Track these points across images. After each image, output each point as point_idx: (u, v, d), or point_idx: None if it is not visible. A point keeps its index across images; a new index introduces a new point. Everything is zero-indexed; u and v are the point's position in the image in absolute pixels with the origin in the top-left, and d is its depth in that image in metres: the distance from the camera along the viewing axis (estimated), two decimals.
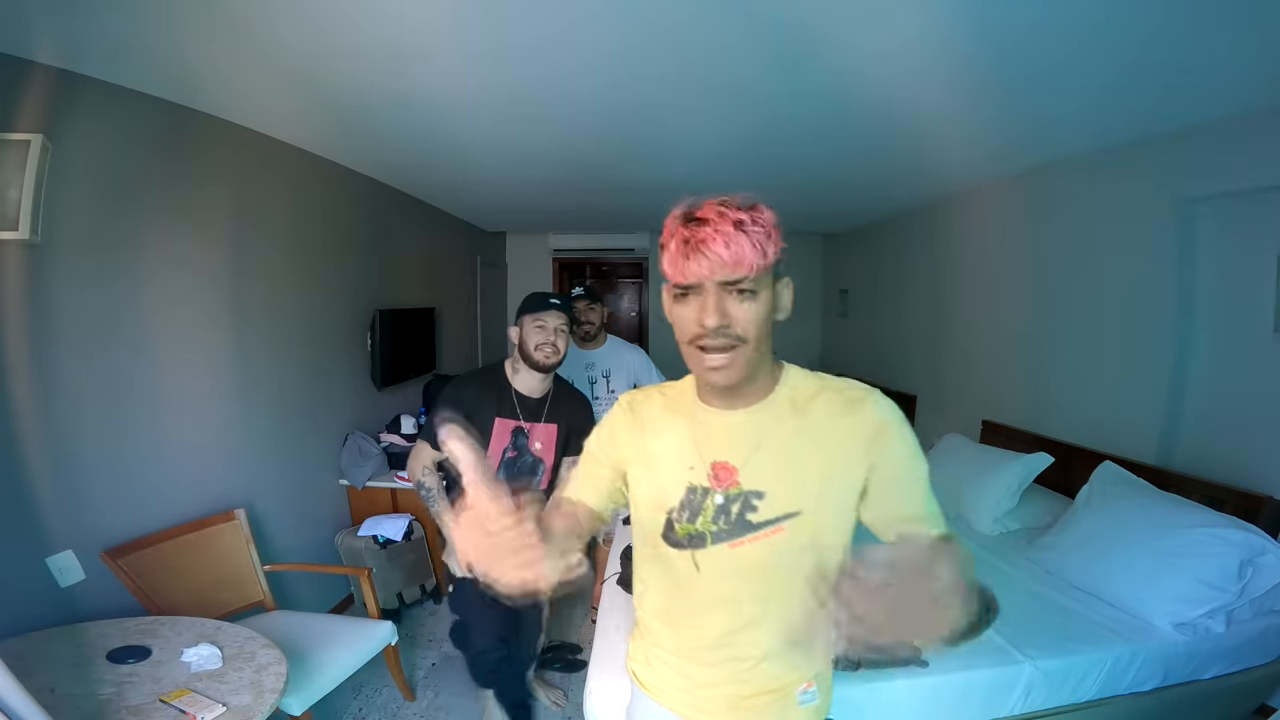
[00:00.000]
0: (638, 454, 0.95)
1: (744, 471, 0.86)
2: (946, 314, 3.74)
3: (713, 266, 0.76)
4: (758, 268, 0.77)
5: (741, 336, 0.79)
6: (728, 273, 0.76)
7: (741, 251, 0.75)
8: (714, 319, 0.77)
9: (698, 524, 0.87)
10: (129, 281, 1.93)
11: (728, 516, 0.86)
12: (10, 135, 1.56)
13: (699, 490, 0.88)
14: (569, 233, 5.70)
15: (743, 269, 0.76)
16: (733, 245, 0.75)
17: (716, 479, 0.87)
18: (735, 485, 0.86)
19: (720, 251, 0.76)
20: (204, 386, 2.23)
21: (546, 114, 2.24)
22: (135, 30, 1.53)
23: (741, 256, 0.75)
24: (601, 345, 2.57)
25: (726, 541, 0.85)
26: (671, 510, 0.90)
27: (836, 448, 0.84)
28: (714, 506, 0.86)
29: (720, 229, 0.76)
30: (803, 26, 1.54)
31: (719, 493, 0.86)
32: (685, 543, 0.88)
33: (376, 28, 1.56)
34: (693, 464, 0.89)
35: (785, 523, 0.83)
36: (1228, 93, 1.88)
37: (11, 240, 1.58)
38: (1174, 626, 1.72)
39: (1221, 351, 2.22)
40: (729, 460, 0.87)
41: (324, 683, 1.81)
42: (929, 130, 2.38)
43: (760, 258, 0.76)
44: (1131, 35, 1.54)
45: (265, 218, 2.49)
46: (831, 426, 0.85)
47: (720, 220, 0.77)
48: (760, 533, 0.84)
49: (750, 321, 0.79)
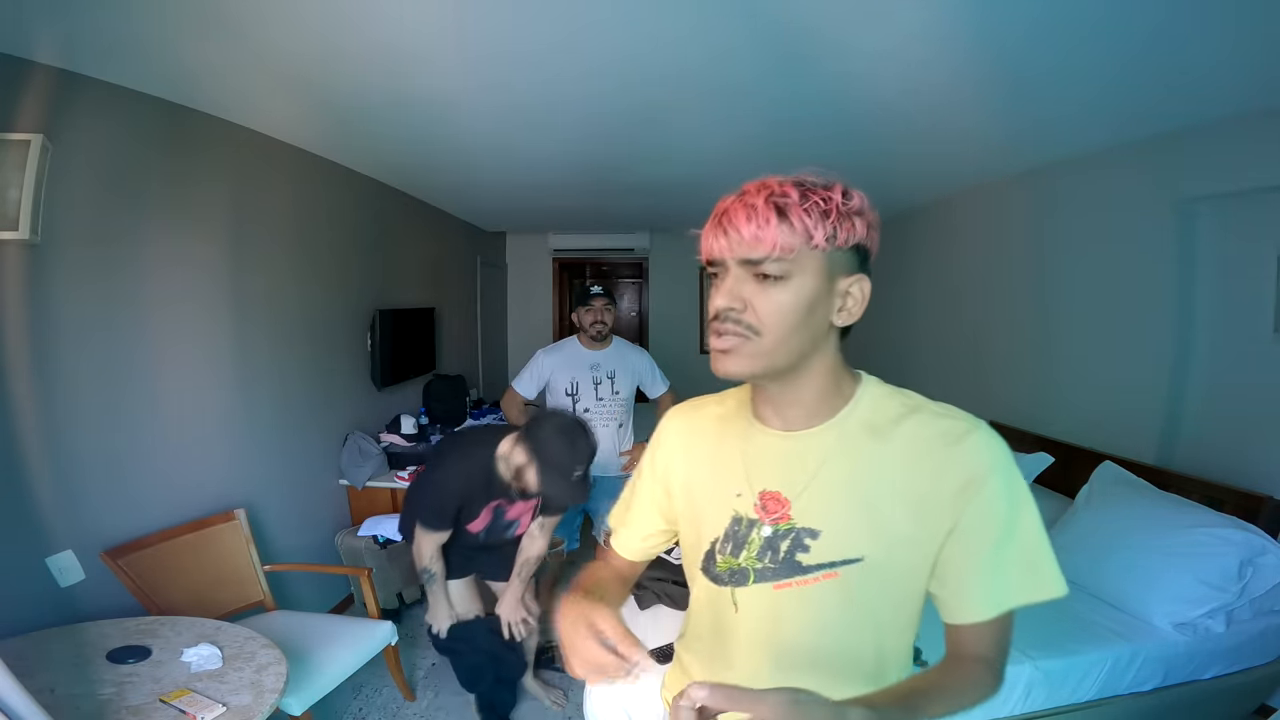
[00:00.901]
0: (685, 471, 0.86)
1: (797, 505, 0.73)
2: (947, 314, 3.75)
3: (731, 242, 0.67)
4: (786, 248, 0.64)
5: (754, 327, 0.67)
6: (746, 250, 0.66)
7: (765, 228, 0.64)
8: (721, 299, 0.68)
9: (741, 558, 0.76)
10: (129, 281, 1.93)
11: (775, 554, 0.73)
12: (10, 135, 1.56)
13: (744, 521, 0.76)
14: (569, 233, 5.70)
15: (764, 247, 0.64)
16: (755, 220, 0.65)
17: (765, 510, 0.75)
18: (786, 519, 0.73)
19: (740, 224, 0.65)
20: (204, 386, 2.23)
21: (549, 117, 2.24)
22: (135, 30, 1.53)
23: (764, 233, 0.64)
24: (608, 346, 2.56)
25: (771, 581, 0.73)
26: (715, 540, 0.79)
27: (916, 490, 0.68)
28: (760, 540, 0.75)
29: (749, 201, 0.66)
30: (803, 28, 1.54)
31: (766, 525, 0.75)
32: (726, 578, 0.77)
33: (377, 29, 1.56)
34: (740, 490, 0.77)
35: (843, 568, 0.70)
36: (1227, 93, 1.88)
37: (11, 240, 1.58)
38: (1174, 626, 1.72)
39: (1221, 351, 2.22)
40: (781, 490, 0.74)
41: (324, 683, 1.81)
42: (930, 131, 2.38)
43: (798, 237, 0.64)
44: (1131, 36, 1.54)
45: (265, 218, 2.49)
46: (914, 462, 0.69)
47: (756, 193, 0.67)
48: (810, 576, 0.71)
49: (771, 311, 0.66)
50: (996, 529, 0.66)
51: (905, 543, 0.69)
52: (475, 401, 4.61)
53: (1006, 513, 0.66)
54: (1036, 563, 0.67)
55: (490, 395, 5.08)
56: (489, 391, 5.23)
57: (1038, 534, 0.67)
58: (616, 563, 0.96)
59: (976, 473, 0.66)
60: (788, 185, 0.66)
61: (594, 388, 2.53)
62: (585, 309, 2.51)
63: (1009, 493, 0.66)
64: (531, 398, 2.59)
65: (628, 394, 2.57)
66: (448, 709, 2.24)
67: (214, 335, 2.26)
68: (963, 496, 0.66)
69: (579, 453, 1.70)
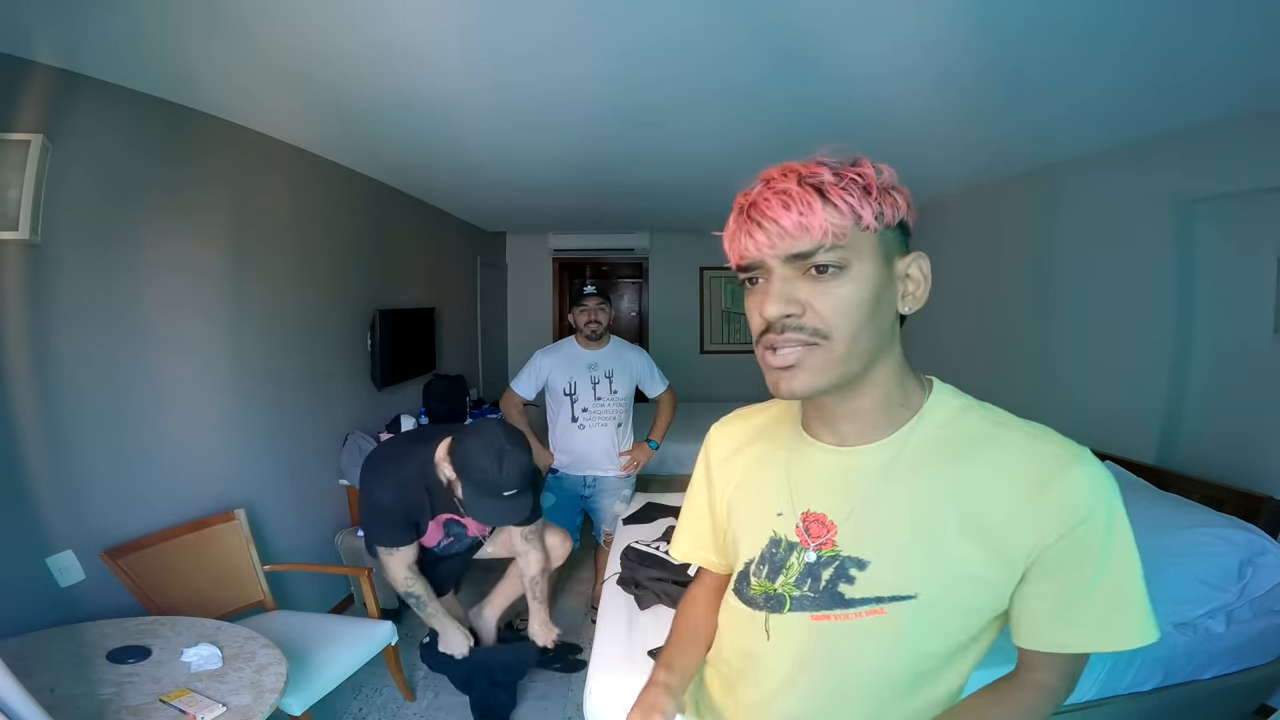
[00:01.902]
0: (731, 483, 0.78)
1: (844, 530, 0.65)
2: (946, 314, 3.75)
3: (770, 237, 0.57)
4: (838, 232, 0.56)
5: (822, 331, 0.57)
6: (791, 243, 0.57)
7: (808, 211, 0.55)
8: (774, 307, 0.58)
9: (777, 584, 0.68)
10: (129, 281, 1.93)
11: (815, 582, 0.65)
12: (10, 135, 1.56)
13: (784, 544, 0.69)
14: (569, 233, 5.70)
15: (813, 236, 0.56)
16: (795, 205, 0.56)
17: (807, 533, 0.67)
18: (830, 545, 0.65)
19: (778, 214, 0.56)
20: (204, 386, 2.23)
21: (549, 118, 2.24)
22: (136, 30, 1.53)
23: (809, 219, 0.55)
24: (605, 346, 2.57)
25: (809, 612, 0.65)
26: (751, 562, 0.72)
27: (994, 523, 0.58)
28: (800, 566, 0.67)
29: (780, 187, 0.57)
30: (803, 30, 1.54)
31: (809, 551, 0.67)
32: (760, 602, 0.70)
33: (378, 29, 1.56)
34: (781, 510, 0.69)
35: (891, 605, 0.61)
36: (1226, 94, 1.88)
37: (11, 240, 1.58)
38: (1174, 626, 1.72)
39: (1221, 352, 2.22)
40: (827, 513, 0.66)
41: (324, 683, 1.80)
42: (930, 131, 2.38)
43: (846, 218, 0.56)
44: (1130, 37, 1.54)
45: (266, 218, 2.49)
46: (994, 490, 0.59)
47: (783, 178, 0.58)
48: (854, 611, 0.63)
49: (836, 310, 0.57)
50: (1089, 575, 0.57)
51: (971, 581, 0.60)
52: (475, 401, 4.61)
53: (1103, 557, 0.57)
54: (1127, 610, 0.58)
55: (490, 395, 5.08)
56: (489, 391, 5.23)
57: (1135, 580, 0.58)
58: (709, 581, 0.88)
59: (1081, 507, 0.56)
60: (814, 165, 0.59)
61: (592, 387, 2.53)
62: (580, 309, 2.52)
63: (1112, 535, 0.57)
64: (530, 398, 2.59)
65: (626, 393, 2.58)
66: (448, 709, 2.24)
67: (214, 335, 2.26)
68: (1058, 529, 0.57)
69: (509, 471, 1.54)
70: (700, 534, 0.86)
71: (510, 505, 1.59)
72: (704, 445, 0.86)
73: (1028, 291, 3.03)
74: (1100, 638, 0.59)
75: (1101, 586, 0.57)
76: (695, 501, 0.86)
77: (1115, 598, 0.58)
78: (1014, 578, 0.60)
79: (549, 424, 2.63)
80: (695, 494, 0.87)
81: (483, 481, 1.55)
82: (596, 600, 2.55)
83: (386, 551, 1.79)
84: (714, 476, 0.82)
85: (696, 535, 0.86)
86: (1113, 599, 0.58)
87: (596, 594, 2.66)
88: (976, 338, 3.45)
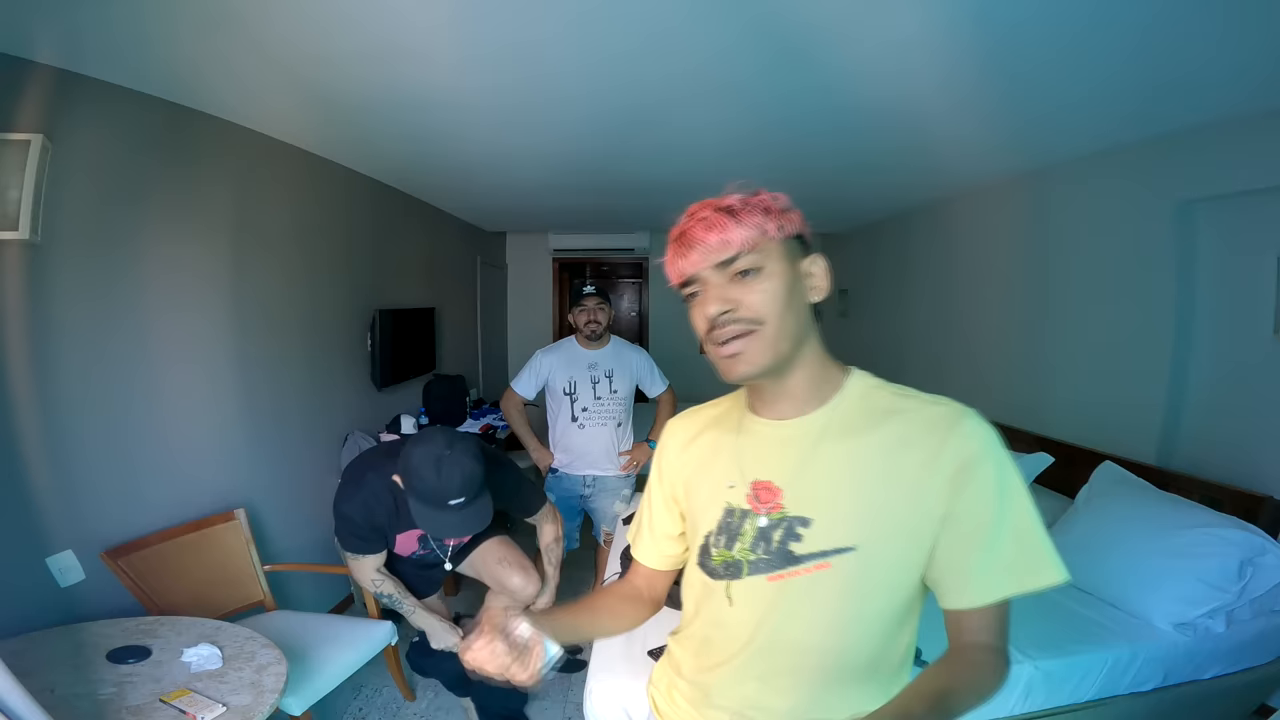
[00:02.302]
0: (686, 472, 0.88)
1: (789, 493, 0.74)
2: (946, 314, 3.75)
3: (701, 253, 0.72)
4: (751, 242, 0.71)
5: (755, 318, 0.71)
6: (717, 255, 0.71)
7: (727, 229, 0.71)
8: (714, 306, 0.71)
9: (735, 551, 0.77)
10: (129, 281, 1.93)
11: (768, 544, 0.74)
12: (10, 135, 1.56)
13: (737, 513, 0.78)
14: (569, 233, 5.70)
15: (731, 246, 0.71)
16: (715, 228, 0.71)
17: (757, 500, 0.76)
18: (778, 509, 0.74)
19: (703, 236, 0.71)
20: (204, 386, 2.23)
21: (547, 115, 2.24)
22: (135, 30, 1.54)
23: (728, 234, 0.70)
24: (605, 345, 2.57)
25: (765, 574, 0.74)
26: (709, 534, 0.81)
27: (907, 477, 0.69)
28: (754, 531, 0.76)
29: (701, 215, 0.73)
30: (803, 27, 1.54)
31: (761, 516, 0.76)
32: (721, 571, 0.78)
33: (376, 28, 1.56)
34: (733, 482, 0.79)
35: (834, 558, 0.70)
36: (1226, 94, 1.88)
37: (11, 240, 1.58)
38: (1174, 626, 1.72)
39: (1221, 352, 2.22)
40: (772, 480, 0.76)
41: (324, 683, 1.81)
42: (929, 131, 2.38)
43: (755, 232, 0.71)
44: (1130, 37, 1.54)
45: (265, 217, 2.49)
46: (904, 450, 0.70)
47: (702, 208, 0.74)
48: (803, 566, 0.72)
49: (761, 301, 0.71)
50: (991, 514, 0.67)
51: (898, 531, 0.69)
52: (475, 401, 4.61)
53: (999, 497, 0.67)
54: (1033, 548, 0.68)
55: (490, 395, 5.08)
56: (489, 391, 5.23)
57: (1033, 520, 0.68)
58: (634, 580, 0.96)
59: (969, 458, 0.67)
60: (725, 198, 0.73)
61: (592, 387, 2.53)
62: (579, 309, 2.52)
63: (1002, 478, 0.67)
64: (530, 398, 2.59)
65: (626, 393, 2.58)
66: (448, 709, 2.24)
67: (214, 335, 2.26)
68: (956, 481, 0.67)
69: (449, 479, 1.43)
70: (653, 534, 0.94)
71: (458, 516, 1.45)
72: (659, 443, 0.94)
73: (1028, 291, 3.03)
74: (1019, 579, 0.67)
75: (1006, 526, 0.67)
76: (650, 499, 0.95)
77: (1021, 538, 0.67)
78: (933, 523, 0.69)
79: (549, 423, 2.63)
80: (650, 492, 0.95)
81: (424, 492, 1.44)
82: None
83: (352, 556, 1.77)
84: (666, 468, 0.91)
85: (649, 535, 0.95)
86: (1019, 540, 0.67)
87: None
88: (976, 337, 3.45)
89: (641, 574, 0.96)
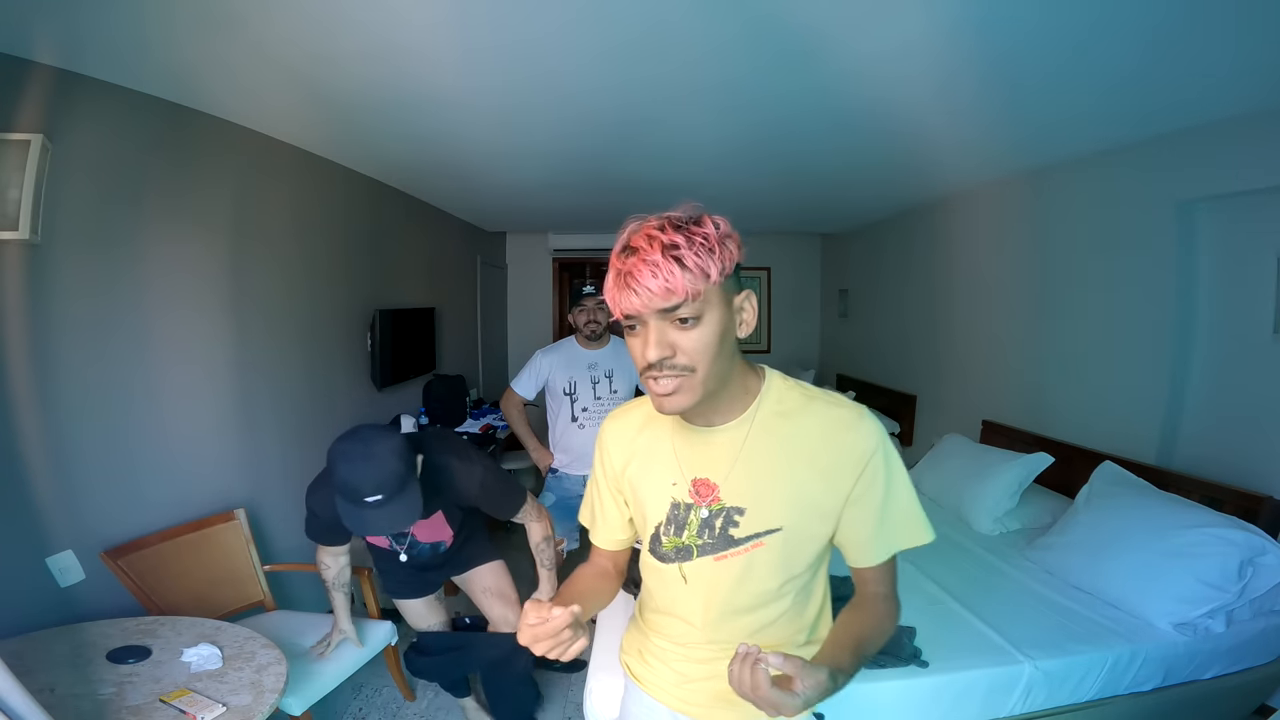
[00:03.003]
0: (628, 467, 0.97)
1: (724, 488, 0.86)
2: (947, 314, 3.74)
3: (644, 299, 0.74)
4: (694, 292, 0.73)
5: (688, 366, 0.76)
6: (660, 302, 0.73)
7: (672, 279, 0.72)
8: (654, 352, 0.75)
9: (684, 538, 0.89)
10: (129, 281, 1.93)
11: (711, 531, 0.87)
12: (10, 135, 1.56)
13: (682, 506, 0.89)
14: (569, 233, 5.70)
15: (676, 296, 0.73)
16: (660, 274, 0.72)
17: (698, 495, 0.88)
18: (716, 501, 0.87)
19: (649, 284, 0.73)
20: (204, 386, 2.23)
21: (547, 114, 2.24)
22: (135, 29, 1.53)
23: (673, 284, 0.72)
24: (605, 345, 2.57)
25: (712, 555, 0.87)
26: (659, 525, 0.92)
27: (818, 467, 0.83)
28: (698, 521, 0.88)
29: (648, 258, 0.73)
30: (803, 26, 1.54)
31: (702, 508, 0.88)
32: (673, 555, 0.91)
33: (376, 27, 1.56)
34: (675, 480, 0.90)
35: (767, 538, 0.85)
36: (1227, 94, 1.88)
37: (11, 240, 1.58)
38: (1174, 626, 1.72)
39: (1221, 352, 2.22)
40: (709, 477, 0.88)
41: (324, 683, 1.81)
42: (929, 131, 2.38)
43: (698, 280, 0.73)
44: (1131, 37, 1.54)
45: (265, 217, 2.49)
46: (815, 445, 0.84)
47: (649, 248, 0.73)
48: (742, 547, 0.86)
49: (696, 350, 0.76)
50: (883, 494, 0.83)
51: (814, 510, 0.84)
52: (475, 401, 4.61)
53: (889, 482, 0.84)
54: (913, 516, 0.86)
55: (490, 395, 5.08)
56: (489, 391, 5.23)
57: (911, 496, 0.86)
58: (599, 560, 1.08)
59: (867, 451, 0.82)
60: (670, 232, 0.74)
61: (592, 387, 2.53)
62: (579, 309, 2.52)
63: (889, 466, 0.84)
64: (530, 398, 2.59)
65: (626, 393, 2.58)
66: (448, 709, 2.24)
67: (214, 335, 2.26)
68: (857, 469, 0.82)
69: (362, 474, 1.38)
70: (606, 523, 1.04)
71: (378, 513, 1.40)
72: (598, 438, 1.03)
73: (1028, 291, 3.03)
74: (901, 540, 0.86)
75: (895, 500, 0.84)
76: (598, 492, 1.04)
77: (905, 509, 0.85)
78: (841, 502, 0.84)
79: (549, 424, 2.63)
80: (597, 486, 1.04)
81: (341, 488, 1.41)
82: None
83: (315, 545, 1.81)
84: (610, 466, 1.00)
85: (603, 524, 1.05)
86: (904, 510, 0.85)
87: None
88: (976, 337, 3.45)
89: (604, 554, 1.08)
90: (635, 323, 0.78)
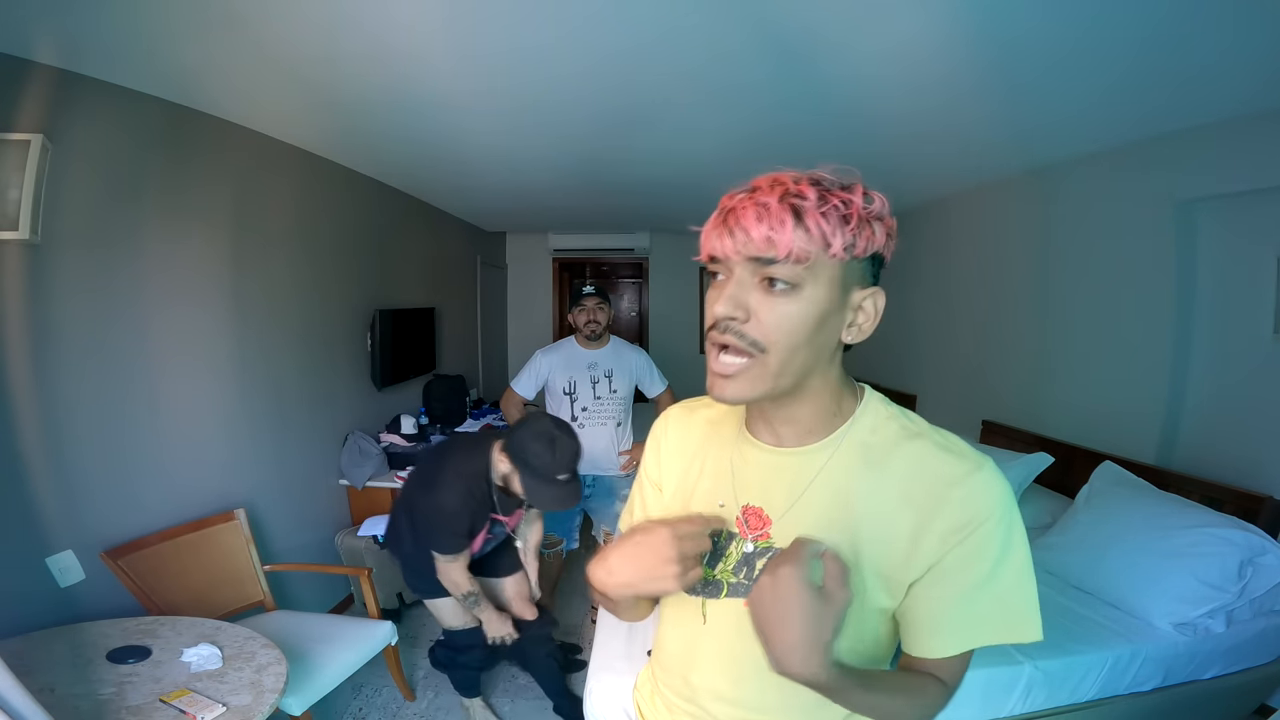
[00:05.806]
0: (677, 473, 0.83)
1: (778, 525, 0.70)
2: (947, 314, 3.74)
3: (738, 244, 0.60)
4: (801, 254, 0.58)
5: (759, 343, 0.61)
6: (754, 249, 0.59)
7: (779, 228, 0.57)
8: (723, 306, 0.61)
9: (716, 570, 0.74)
10: (129, 281, 1.93)
11: (750, 571, 0.71)
12: (10, 135, 1.56)
13: (724, 533, 0.74)
14: (569, 233, 5.70)
15: (775, 249, 0.58)
16: (768, 221, 0.58)
17: (746, 525, 0.72)
18: (765, 538, 0.70)
19: (750, 225, 0.59)
20: (204, 386, 2.23)
21: (547, 115, 2.24)
22: (135, 30, 1.54)
23: (777, 234, 0.58)
24: (605, 345, 2.57)
25: (742, 597, 0.70)
26: None
27: (904, 527, 0.64)
28: (739, 555, 0.72)
29: (760, 199, 0.59)
30: (804, 28, 1.54)
31: (747, 542, 0.72)
32: (699, 587, 0.75)
33: (378, 29, 1.56)
34: (723, 501, 0.74)
35: None
36: (1227, 94, 1.88)
37: (11, 240, 1.58)
38: (1174, 626, 1.72)
39: (1221, 351, 2.22)
40: (764, 508, 0.71)
41: (324, 683, 1.81)
42: (930, 131, 2.38)
43: (812, 243, 0.58)
44: (1130, 37, 1.54)
45: (265, 218, 2.49)
46: (907, 498, 0.64)
47: (769, 190, 0.60)
48: None
49: (777, 324, 0.60)
50: (982, 571, 0.62)
51: (879, 584, 0.65)
52: (475, 401, 4.61)
53: (997, 556, 0.62)
54: (1015, 606, 0.64)
55: (490, 395, 5.08)
56: (489, 391, 5.23)
57: (1023, 578, 0.63)
58: None
59: (974, 517, 0.62)
60: (804, 184, 0.60)
61: (592, 387, 2.53)
62: (579, 309, 2.53)
63: (1005, 537, 0.62)
64: (530, 398, 2.59)
65: (625, 393, 2.58)
66: (448, 709, 2.24)
67: (214, 335, 2.26)
68: (954, 537, 0.62)
69: (562, 456, 1.67)
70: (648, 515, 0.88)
71: (565, 490, 1.69)
72: (653, 432, 0.89)
73: (1028, 291, 3.03)
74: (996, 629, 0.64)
75: (993, 587, 0.62)
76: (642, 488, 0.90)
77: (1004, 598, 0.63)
78: (917, 572, 0.64)
79: None
80: (642, 483, 0.90)
81: (538, 468, 1.66)
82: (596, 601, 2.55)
83: (449, 559, 1.81)
84: (664, 459, 0.86)
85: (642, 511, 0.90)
86: (1001, 599, 0.63)
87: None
88: (977, 338, 3.45)
89: None
90: (720, 269, 0.63)
